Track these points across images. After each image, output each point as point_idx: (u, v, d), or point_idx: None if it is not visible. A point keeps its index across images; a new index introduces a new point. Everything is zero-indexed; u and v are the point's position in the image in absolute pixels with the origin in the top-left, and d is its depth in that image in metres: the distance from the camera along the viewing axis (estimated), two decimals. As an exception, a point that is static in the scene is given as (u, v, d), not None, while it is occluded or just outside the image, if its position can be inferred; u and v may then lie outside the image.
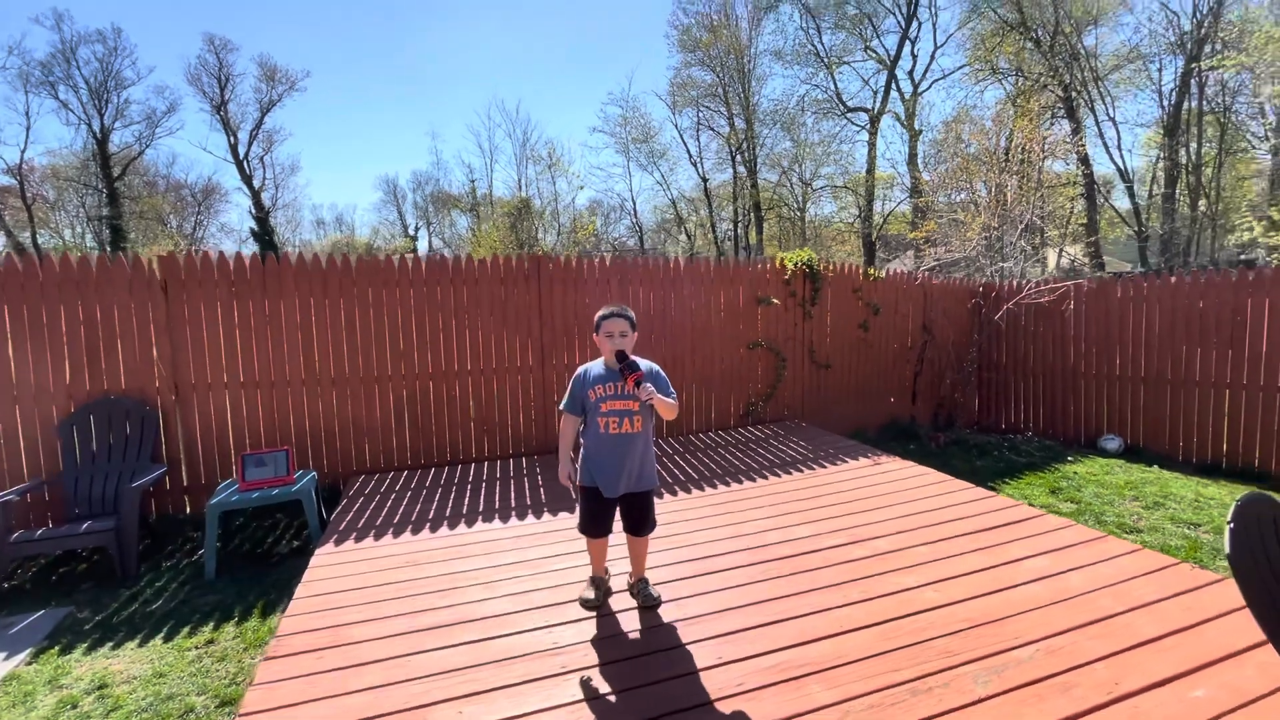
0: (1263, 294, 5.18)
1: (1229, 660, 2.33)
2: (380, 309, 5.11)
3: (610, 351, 2.67)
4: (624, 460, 2.67)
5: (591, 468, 2.74)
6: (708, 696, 2.20)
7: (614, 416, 2.67)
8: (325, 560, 3.44)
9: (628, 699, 2.21)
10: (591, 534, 2.82)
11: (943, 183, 25.53)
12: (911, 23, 27.59)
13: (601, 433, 2.68)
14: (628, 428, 2.68)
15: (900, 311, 7.06)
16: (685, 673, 2.35)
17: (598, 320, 2.76)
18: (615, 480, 2.69)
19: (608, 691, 2.25)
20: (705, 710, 2.13)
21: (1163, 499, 4.84)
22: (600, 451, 2.69)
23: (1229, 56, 17.61)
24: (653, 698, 2.21)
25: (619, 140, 33.63)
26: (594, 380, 2.71)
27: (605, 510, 2.77)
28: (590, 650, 2.52)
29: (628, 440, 2.68)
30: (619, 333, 2.69)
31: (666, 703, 2.18)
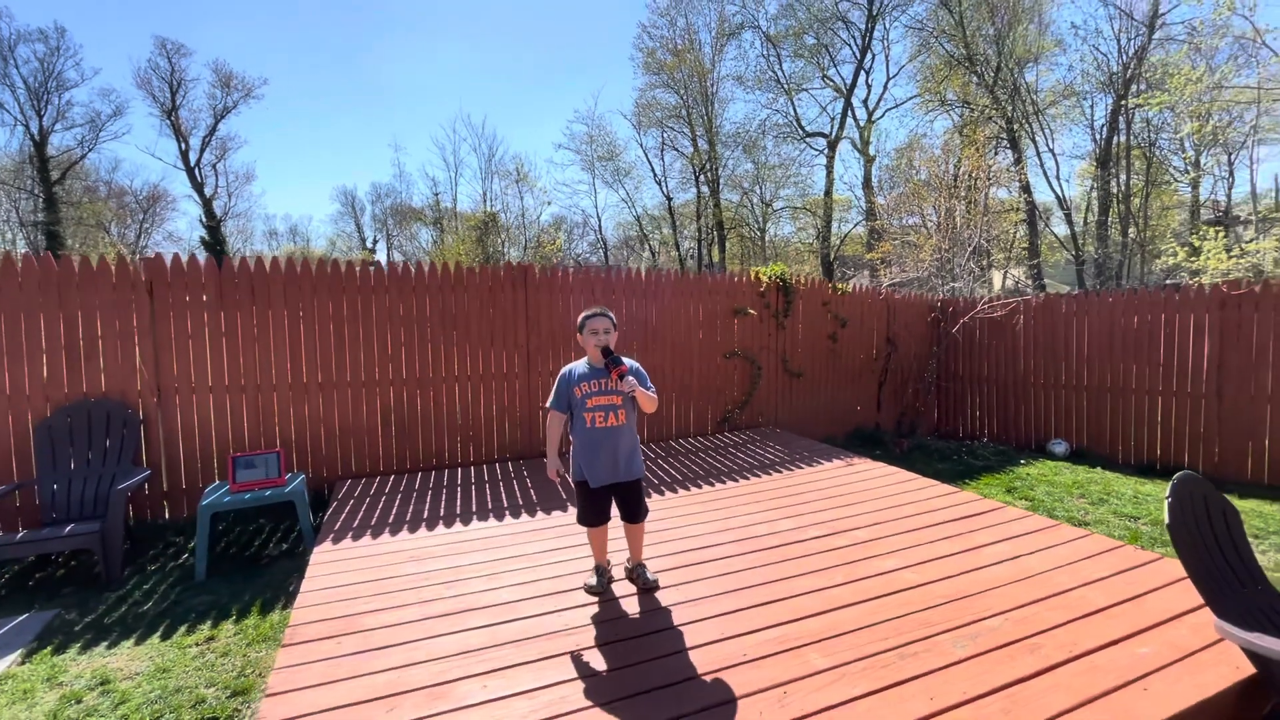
0: (1187, 310, 5.74)
1: (1167, 623, 2.64)
2: (369, 315, 5.16)
3: (595, 348, 2.86)
4: (612, 452, 2.86)
5: (582, 461, 2.91)
6: (717, 665, 2.38)
7: (599, 411, 2.86)
8: (325, 557, 3.49)
9: (644, 670, 2.36)
10: (590, 523, 2.99)
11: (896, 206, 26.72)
12: (866, 54, 28.87)
13: (588, 427, 2.86)
14: (613, 421, 2.86)
15: (866, 324, 7.46)
16: (692, 646, 2.52)
17: (582, 320, 2.95)
18: (604, 471, 2.87)
19: (624, 664, 2.40)
20: (714, 677, 2.31)
21: (1106, 496, 5.27)
22: (589, 445, 2.87)
23: (1154, 96, 19.11)
24: (665, 669, 2.37)
25: (585, 157, 34.01)
26: (579, 378, 2.89)
27: (600, 501, 2.95)
28: (601, 629, 2.67)
29: (614, 433, 2.87)
30: (603, 330, 2.89)
31: (679, 672, 2.34)
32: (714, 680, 2.29)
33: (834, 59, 30.00)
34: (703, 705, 2.14)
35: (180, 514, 4.68)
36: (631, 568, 3.11)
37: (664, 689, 2.24)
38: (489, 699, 2.20)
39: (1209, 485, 2.56)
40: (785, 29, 29.80)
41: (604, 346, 2.83)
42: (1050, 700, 2.14)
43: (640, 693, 2.22)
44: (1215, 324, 5.51)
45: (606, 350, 2.81)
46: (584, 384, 2.89)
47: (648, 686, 2.25)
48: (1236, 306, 5.36)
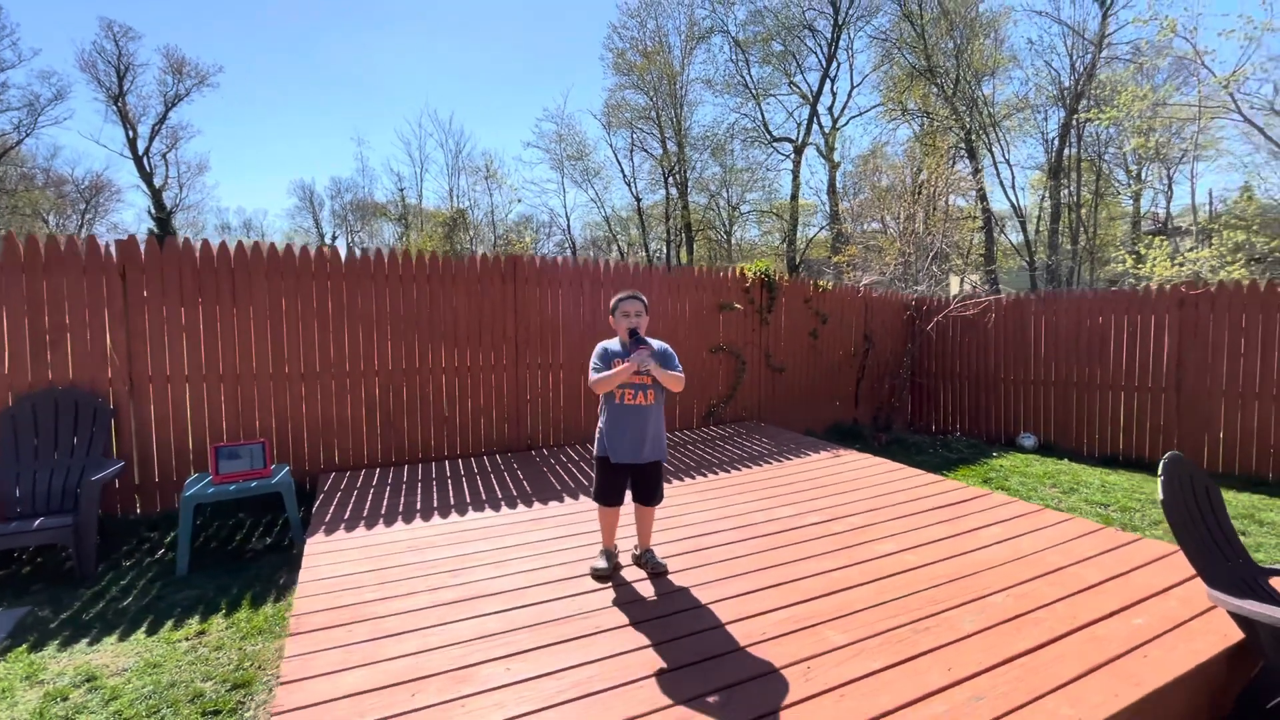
0: (1149, 310, 6.05)
1: (1157, 596, 2.78)
2: (354, 303, 5.03)
3: (624, 330, 2.90)
4: (639, 430, 2.89)
5: (609, 438, 2.93)
6: (736, 644, 2.40)
7: (629, 389, 2.89)
8: (320, 548, 3.38)
9: (666, 649, 2.37)
10: (607, 502, 3.00)
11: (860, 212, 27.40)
12: (832, 62, 29.46)
13: (618, 403, 2.90)
14: (642, 400, 2.90)
15: (845, 321, 7.62)
16: (710, 626, 2.54)
17: (615, 302, 2.99)
18: (628, 449, 2.89)
19: (644, 644, 2.40)
20: (736, 655, 2.33)
21: (1075, 486, 5.51)
22: (618, 422, 2.90)
23: (1104, 111, 20.12)
24: (687, 648, 2.38)
25: (553, 156, 33.82)
26: (614, 355, 2.92)
27: (620, 479, 2.97)
28: (618, 612, 2.66)
29: (643, 411, 2.90)
30: (634, 313, 2.94)
31: (700, 651, 2.35)
32: (737, 658, 2.31)
33: (801, 66, 30.49)
34: (730, 681, 2.16)
35: (153, 508, 4.47)
36: (640, 553, 3.12)
37: (689, 667, 2.25)
38: (514, 680, 2.17)
39: (1195, 465, 2.70)
40: (754, 35, 30.18)
41: (632, 329, 2.87)
42: (1059, 669, 2.23)
43: (666, 671, 2.22)
44: (1174, 322, 5.83)
45: (633, 332, 2.86)
46: (618, 361, 2.91)
47: (673, 665, 2.26)
48: (1194, 306, 5.69)
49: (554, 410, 5.86)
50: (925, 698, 2.07)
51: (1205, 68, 14.02)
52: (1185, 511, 2.55)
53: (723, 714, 1.98)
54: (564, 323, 5.85)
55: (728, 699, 2.06)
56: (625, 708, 2.01)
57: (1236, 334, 5.45)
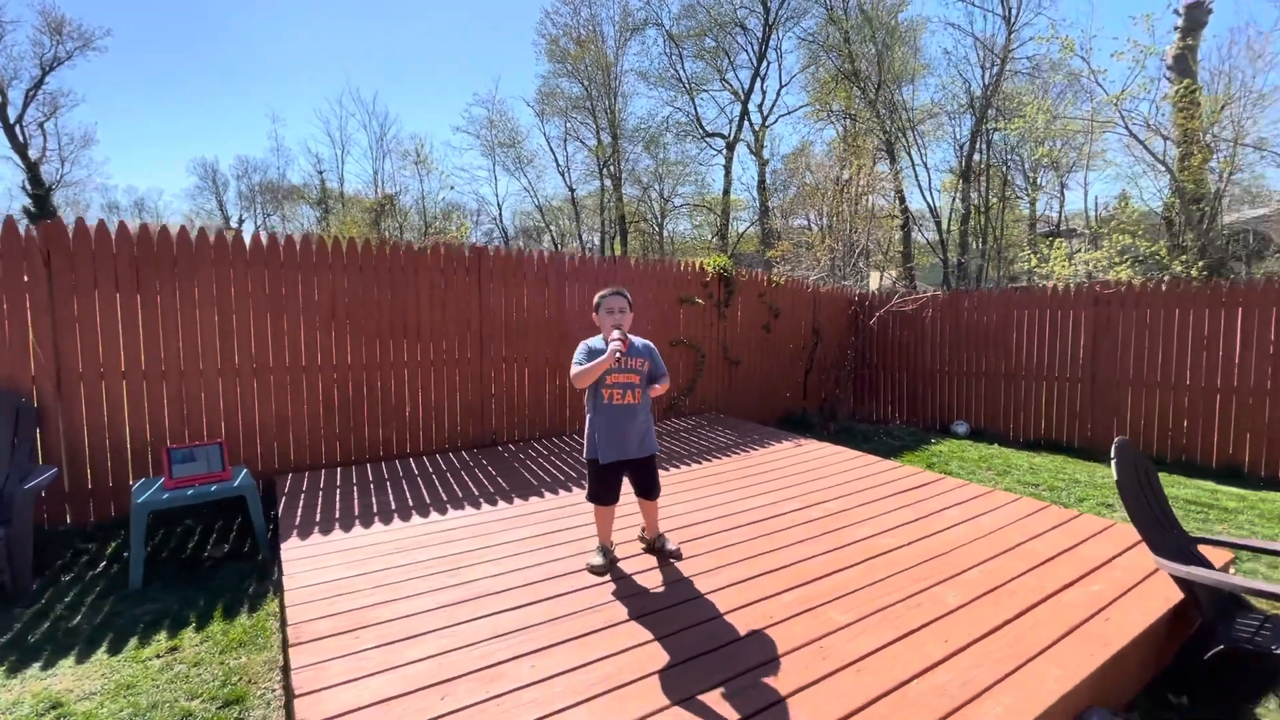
0: (1068, 307, 6.66)
1: (1105, 566, 3.11)
2: (310, 294, 4.76)
3: (610, 328, 2.90)
4: (629, 428, 2.94)
5: (598, 438, 2.95)
6: (750, 629, 2.50)
7: (618, 389, 2.92)
8: (298, 554, 3.22)
9: (684, 638, 2.43)
10: (602, 501, 3.04)
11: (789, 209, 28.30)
12: (762, 61, 30.14)
13: (606, 403, 2.93)
14: (630, 399, 2.94)
15: (795, 315, 7.92)
16: (720, 613, 2.63)
17: (599, 300, 3.00)
18: (620, 448, 2.93)
19: (662, 634, 2.46)
20: (753, 638, 2.42)
21: (1008, 469, 6.01)
22: (609, 423, 2.93)
23: (1011, 122, 21.75)
24: (704, 635, 2.46)
25: (484, 142, 32.91)
26: (598, 352, 2.90)
27: (613, 478, 3.02)
28: (628, 604, 2.70)
29: (631, 410, 2.95)
30: (618, 309, 2.96)
31: (717, 637, 2.44)
32: (754, 641, 2.41)
33: (733, 63, 30.94)
34: (753, 664, 2.25)
35: (86, 518, 4.08)
36: (651, 540, 3.22)
37: (712, 653, 2.32)
38: (541, 677, 2.17)
39: (1135, 449, 3.04)
40: (687, 29, 30.39)
41: (617, 326, 2.88)
42: (1041, 634, 2.47)
43: (691, 658, 2.29)
44: (1090, 318, 6.45)
45: (618, 329, 2.86)
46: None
47: (695, 652, 2.33)
48: (1107, 304, 6.31)
49: (519, 405, 5.78)
50: (932, 668, 2.24)
51: (1098, 85, 15.36)
52: (1135, 490, 2.87)
53: (758, 695, 2.06)
54: (529, 316, 5.77)
55: (755, 680, 2.15)
56: (659, 696, 2.06)
57: (1142, 330, 6.10)
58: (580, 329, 6.08)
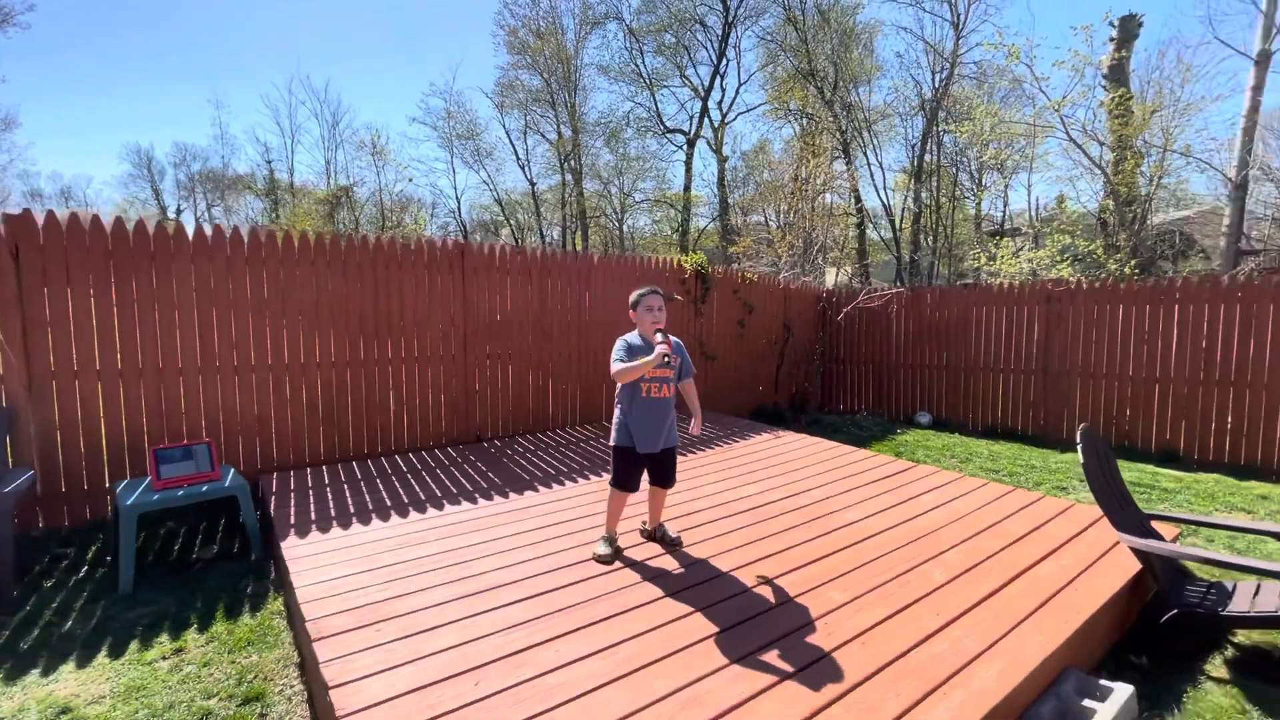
0: (1022, 303, 7.07)
1: (1069, 543, 3.38)
2: (293, 290, 4.68)
3: (649, 325, 3.05)
4: (663, 421, 3.10)
5: (635, 429, 3.08)
6: (757, 609, 2.64)
7: (655, 383, 3.07)
8: (301, 551, 3.21)
9: (696, 620, 2.56)
10: (626, 488, 3.16)
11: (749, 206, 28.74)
12: (722, 59, 30.42)
13: (644, 397, 3.06)
14: (665, 393, 3.10)
15: (768, 311, 8.15)
16: (728, 596, 2.76)
17: (637, 297, 3.13)
18: (655, 438, 3.08)
19: (676, 616, 2.58)
20: (762, 617, 2.56)
21: (970, 456, 6.37)
22: (644, 414, 3.07)
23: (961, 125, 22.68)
24: (717, 616, 2.59)
25: (442, 134, 32.28)
26: (638, 349, 3.04)
27: (639, 467, 3.16)
28: (640, 590, 2.81)
29: (666, 404, 3.12)
30: (657, 307, 3.09)
31: (728, 618, 2.57)
32: (764, 620, 2.55)
33: (693, 59, 31.06)
34: (764, 642, 2.39)
35: (62, 522, 3.94)
36: (654, 529, 3.36)
37: (724, 633, 2.45)
38: (567, 661, 2.26)
39: (1096, 434, 3.32)
40: (647, 24, 30.40)
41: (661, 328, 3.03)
42: (1021, 604, 2.69)
43: (705, 638, 2.42)
44: (1042, 314, 6.88)
45: (663, 330, 3.01)
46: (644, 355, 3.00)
47: (709, 632, 2.46)
48: (1058, 300, 6.74)
49: (503, 401, 5.81)
50: (928, 638, 2.43)
51: (1041, 92, 16.17)
52: (1098, 472, 3.14)
53: (773, 669, 2.21)
54: (513, 312, 5.79)
55: (768, 656, 2.29)
56: (684, 672, 2.18)
57: (1090, 324, 6.54)
58: (564, 325, 6.14)
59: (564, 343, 6.17)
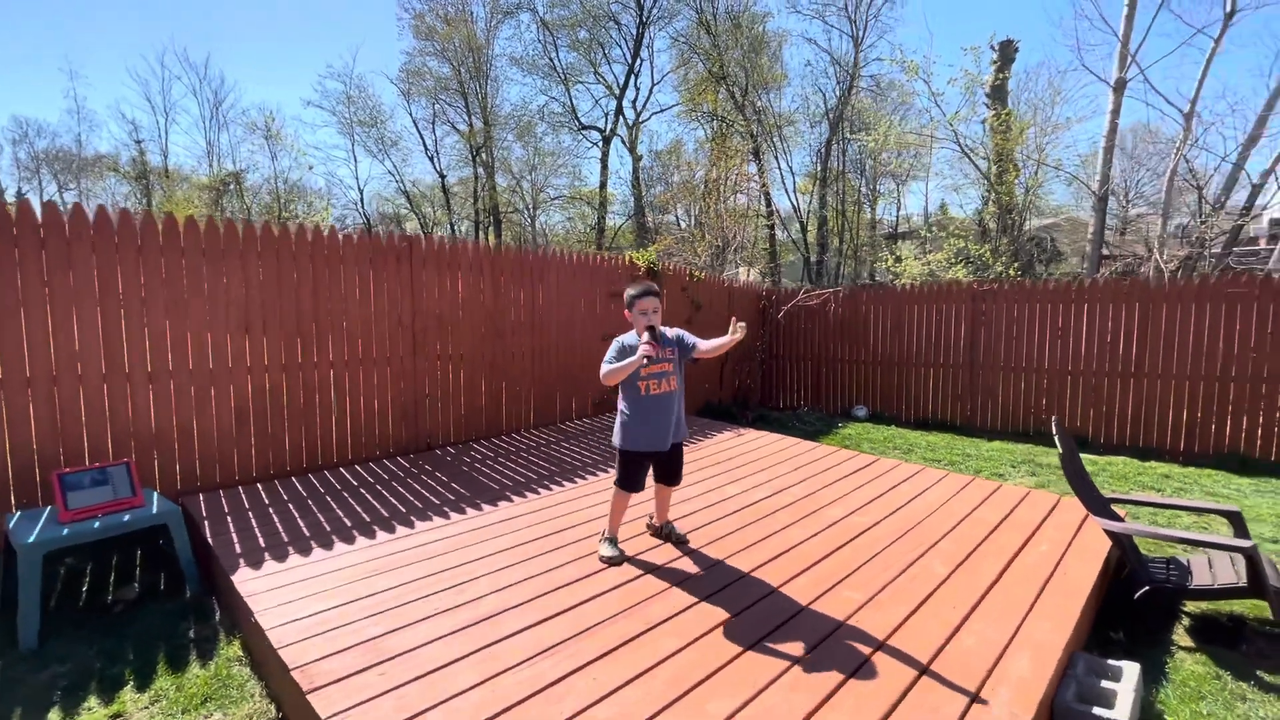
0: (950, 301, 7.54)
1: (1041, 528, 3.58)
2: (218, 285, 4.10)
3: (643, 325, 2.91)
4: (668, 416, 3.00)
5: (636, 430, 2.97)
6: (784, 614, 2.57)
7: (654, 379, 2.97)
8: (258, 586, 2.78)
9: (727, 631, 2.45)
10: (632, 489, 3.07)
11: (664, 206, 29.09)
12: (637, 58, 30.45)
13: (644, 395, 2.96)
14: (667, 387, 3.00)
15: (714, 309, 8.18)
16: (750, 603, 2.67)
17: (631, 298, 2.98)
18: (662, 436, 2.99)
19: (705, 630, 2.45)
20: (790, 626, 2.49)
21: (910, 446, 6.70)
22: (646, 414, 2.96)
23: (865, 135, 24.11)
24: (747, 625, 2.48)
25: (342, 120, 30.21)
26: (631, 349, 2.92)
27: (644, 466, 3.09)
28: (655, 605, 2.66)
29: (668, 399, 3.00)
30: (651, 309, 2.95)
31: (758, 628, 2.47)
32: (794, 627, 2.48)
33: (607, 56, 30.84)
34: (806, 650, 2.32)
35: (-76, 567, 3.22)
36: (660, 526, 3.33)
37: (762, 643, 2.36)
38: (610, 690, 2.08)
39: (1064, 427, 3.54)
40: (561, 18, 29.89)
41: (650, 326, 2.87)
42: (1023, 592, 2.80)
43: (747, 649, 2.31)
44: (969, 312, 7.36)
45: (650, 329, 2.86)
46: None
47: (748, 642, 2.35)
48: (984, 299, 7.24)
49: (455, 406, 5.42)
50: (954, 633, 2.45)
51: (937, 106, 17.40)
52: (1069, 461, 3.34)
53: (822, 675, 2.13)
54: (465, 310, 5.42)
55: (816, 664, 2.22)
56: (735, 690, 2.06)
57: (1011, 322, 7.08)
58: (517, 323, 5.84)
59: (518, 341, 5.86)
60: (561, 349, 6.27)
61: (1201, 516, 4.42)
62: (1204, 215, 13.83)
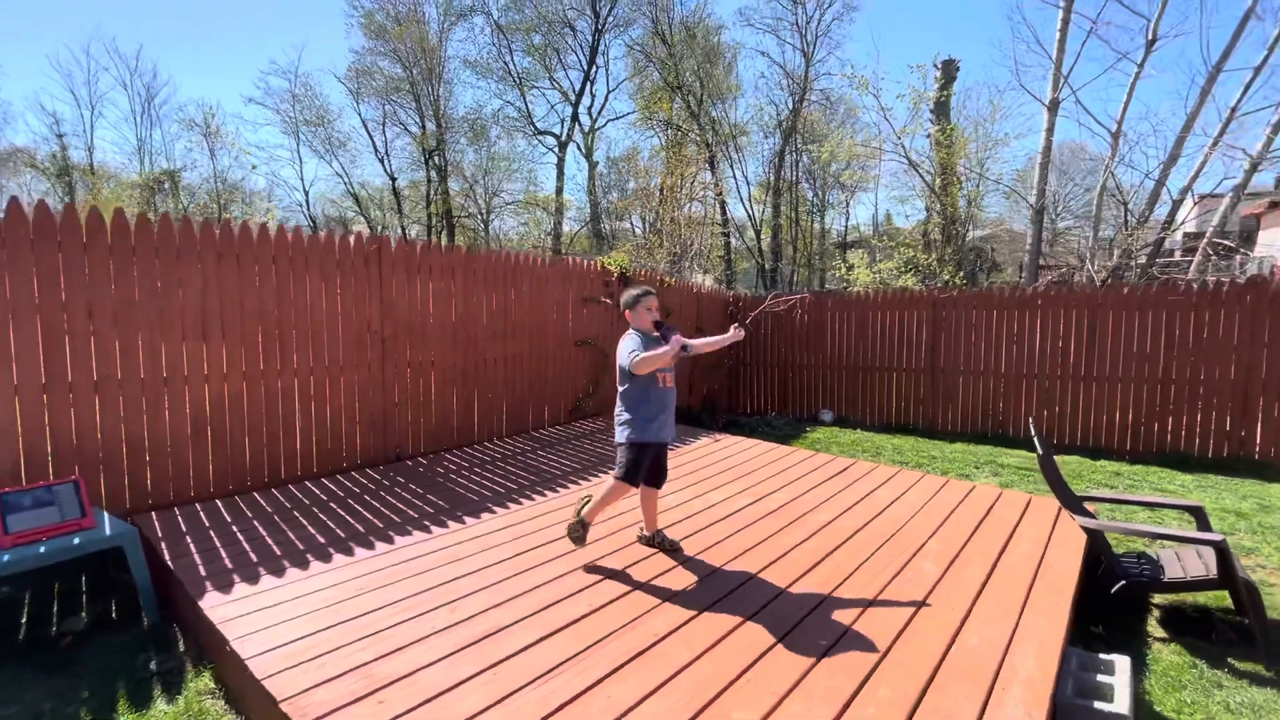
0: (912, 308, 7.77)
1: (1018, 528, 3.68)
2: (173, 287, 3.81)
3: (650, 321, 3.11)
4: (672, 409, 3.17)
5: (649, 421, 3.07)
6: (791, 623, 2.54)
7: (666, 372, 3.14)
8: (230, 612, 2.58)
9: (738, 639, 2.41)
10: (635, 482, 3.11)
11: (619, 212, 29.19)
12: (593, 65, 30.44)
13: (660, 388, 3.10)
14: (672, 382, 3.20)
15: (683, 315, 8.18)
16: (755, 611, 2.63)
17: (634, 298, 3.16)
18: (667, 429, 3.15)
19: (716, 639, 2.40)
20: (799, 633, 2.47)
21: (878, 450, 6.85)
22: (659, 405, 3.10)
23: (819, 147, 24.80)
24: (755, 634, 2.45)
25: (287, 119, 29.06)
26: (652, 341, 3.06)
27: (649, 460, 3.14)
28: (659, 616, 2.59)
29: (673, 394, 3.20)
30: (655, 307, 3.16)
31: (767, 636, 2.44)
32: (802, 635, 2.46)
33: (563, 62, 30.73)
34: (819, 655, 2.30)
35: None
36: (653, 534, 3.33)
37: (772, 651, 2.32)
38: (629, 706, 2.00)
39: (1041, 430, 3.66)
40: (515, 22, 29.62)
41: (657, 321, 3.11)
42: (1014, 590, 2.86)
43: (762, 655, 2.28)
44: (929, 318, 7.60)
45: (659, 324, 3.09)
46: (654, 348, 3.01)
47: (761, 649, 2.32)
48: (943, 306, 7.49)
49: (425, 415, 5.22)
50: (957, 634, 2.48)
51: (886, 120, 18.04)
52: (1047, 461, 3.46)
53: (838, 682, 2.11)
54: (436, 315, 5.23)
55: (827, 669, 2.20)
56: (755, 701, 2.02)
57: (970, 328, 7.34)
58: (490, 330, 5.68)
59: (490, 348, 5.70)
60: (535, 355, 6.14)
61: (1168, 512, 4.63)
62: (1130, 228, 14.77)
